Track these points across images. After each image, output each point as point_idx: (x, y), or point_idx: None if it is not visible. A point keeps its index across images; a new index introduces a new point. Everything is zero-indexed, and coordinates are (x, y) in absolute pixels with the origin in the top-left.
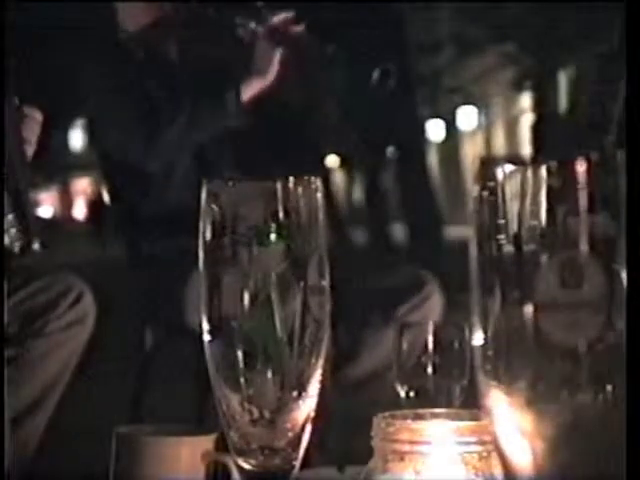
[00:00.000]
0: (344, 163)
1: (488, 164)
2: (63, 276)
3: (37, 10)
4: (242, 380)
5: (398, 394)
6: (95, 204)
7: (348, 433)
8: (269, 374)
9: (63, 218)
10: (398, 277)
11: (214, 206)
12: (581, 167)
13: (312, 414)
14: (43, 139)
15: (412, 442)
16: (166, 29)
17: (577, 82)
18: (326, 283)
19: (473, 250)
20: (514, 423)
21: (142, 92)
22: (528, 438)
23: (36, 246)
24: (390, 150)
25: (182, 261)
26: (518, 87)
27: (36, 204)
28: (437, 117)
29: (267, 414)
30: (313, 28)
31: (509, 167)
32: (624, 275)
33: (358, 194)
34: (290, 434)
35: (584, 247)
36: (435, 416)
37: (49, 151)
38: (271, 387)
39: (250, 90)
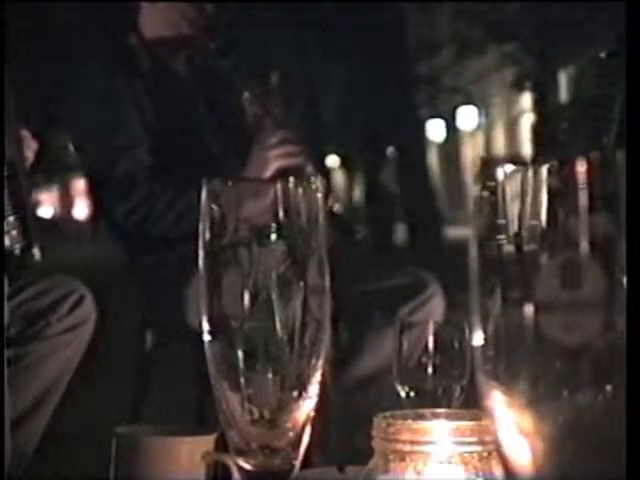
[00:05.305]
0: (344, 163)
1: (488, 164)
2: (64, 279)
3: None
4: (242, 380)
5: (398, 394)
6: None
7: (348, 433)
8: (269, 374)
9: (63, 219)
10: (400, 278)
11: (214, 206)
12: (581, 167)
13: (312, 414)
14: (39, 151)
15: (413, 442)
16: (181, 47)
17: (577, 82)
18: (326, 283)
19: (473, 250)
20: (514, 423)
21: (142, 101)
22: (528, 438)
23: (36, 251)
24: (390, 150)
25: (182, 262)
26: (518, 87)
27: (36, 206)
28: (437, 117)
29: (267, 414)
30: (313, 28)
31: (509, 167)
32: (624, 275)
33: (358, 194)
34: (290, 434)
35: (584, 247)
36: (435, 416)
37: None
38: (271, 387)
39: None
